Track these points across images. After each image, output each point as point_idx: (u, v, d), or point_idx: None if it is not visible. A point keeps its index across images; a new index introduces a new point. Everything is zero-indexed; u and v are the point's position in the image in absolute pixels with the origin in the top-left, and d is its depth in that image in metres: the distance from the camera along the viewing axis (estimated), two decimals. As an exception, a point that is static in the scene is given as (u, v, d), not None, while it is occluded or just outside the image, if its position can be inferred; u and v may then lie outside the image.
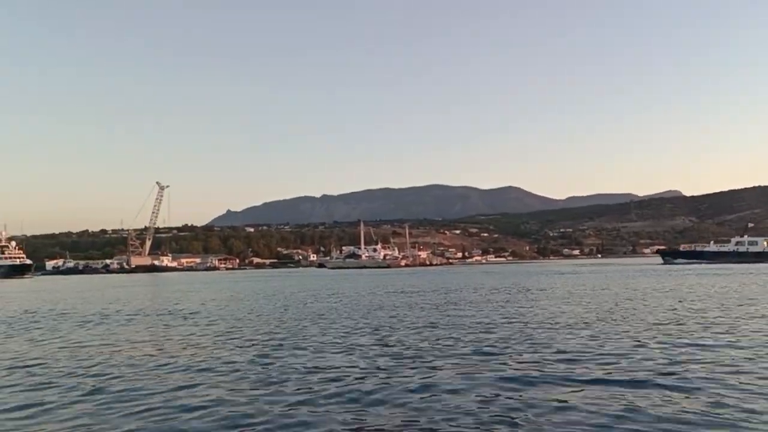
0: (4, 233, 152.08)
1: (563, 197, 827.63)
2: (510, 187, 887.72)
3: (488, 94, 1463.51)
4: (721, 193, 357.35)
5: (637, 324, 16.09)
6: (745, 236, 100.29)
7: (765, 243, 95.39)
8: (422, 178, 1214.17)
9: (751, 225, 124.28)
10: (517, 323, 17.01)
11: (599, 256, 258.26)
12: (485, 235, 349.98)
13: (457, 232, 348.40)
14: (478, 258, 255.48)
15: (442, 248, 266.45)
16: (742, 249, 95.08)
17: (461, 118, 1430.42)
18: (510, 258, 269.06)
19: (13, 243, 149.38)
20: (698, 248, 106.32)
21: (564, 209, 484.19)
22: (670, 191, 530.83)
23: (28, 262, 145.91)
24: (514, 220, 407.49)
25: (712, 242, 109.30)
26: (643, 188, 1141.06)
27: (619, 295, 28.20)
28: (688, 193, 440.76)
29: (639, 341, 12.94)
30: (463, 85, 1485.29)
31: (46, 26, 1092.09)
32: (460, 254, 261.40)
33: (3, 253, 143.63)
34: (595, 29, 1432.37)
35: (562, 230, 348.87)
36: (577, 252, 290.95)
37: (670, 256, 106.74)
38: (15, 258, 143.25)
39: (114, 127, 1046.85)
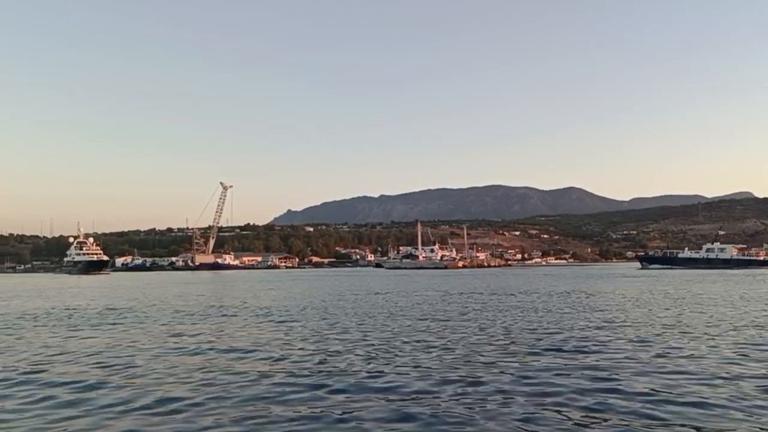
0: (82, 230, 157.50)
1: (627, 198, 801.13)
2: (571, 187, 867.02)
3: (549, 92, 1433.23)
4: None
5: None
6: (716, 243, 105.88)
7: (734, 251, 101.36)
8: (481, 179, 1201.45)
9: (722, 232, 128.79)
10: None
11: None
12: (545, 236, 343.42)
13: (517, 233, 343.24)
14: (538, 260, 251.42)
15: (501, 249, 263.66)
16: (711, 256, 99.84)
17: (522, 118, 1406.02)
18: (571, 260, 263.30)
19: (91, 240, 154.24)
20: (671, 254, 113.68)
21: (628, 210, 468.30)
22: (740, 192, 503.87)
23: (105, 258, 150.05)
24: (576, 222, 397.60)
25: (686, 249, 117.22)
26: (712, 189, 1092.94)
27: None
28: (760, 194, 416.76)
29: None
30: (524, 84, 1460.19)
31: (117, 32, 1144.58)
32: (519, 256, 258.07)
33: (81, 249, 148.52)
34: (656, 26, 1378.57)
35: (625, 232, 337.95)
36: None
37: (646, 261, 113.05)
38: (92, 254, 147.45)
39: (181, 129, 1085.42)
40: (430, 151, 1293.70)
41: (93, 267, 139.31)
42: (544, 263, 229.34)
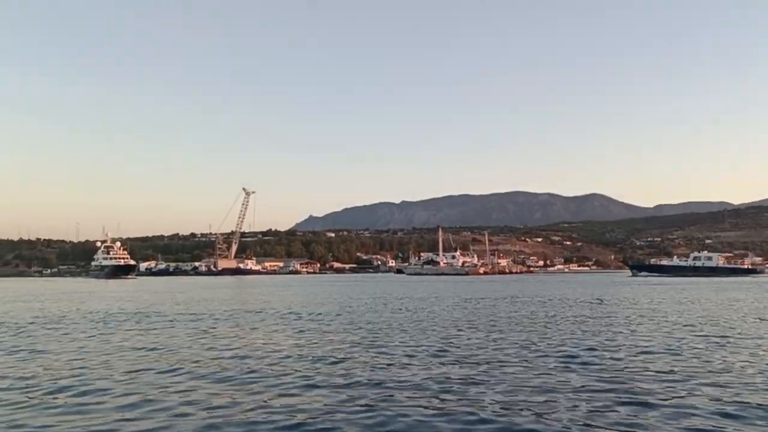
0: (109, 234, 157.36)
1: (651, 205, 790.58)
2: (594, 194, 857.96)
3: (571, 97, 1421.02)
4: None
5: None
6: (703, 252, 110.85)
7: (719, 259, 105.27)
8: (504, 185, 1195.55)
9: (709, 241, 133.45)
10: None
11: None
12: (568, 243, 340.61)
13: (539, 239, 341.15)
14: (560, 267, 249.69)
15: (523, 256, 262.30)
16: (698, 264, 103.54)
17: (543, 124, 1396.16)
18: (594, 267, 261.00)
19: (118, 244, 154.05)
20: (660, 262, 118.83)
21: (652, 217, 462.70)
22: None
23: (132, 262, 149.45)
24: (599, 228, 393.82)
25: (675, 257, 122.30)
26: (739, 196, 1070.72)
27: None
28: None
29: None
30: (544, 89, 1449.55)
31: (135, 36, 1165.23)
32: (541, 262, 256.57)
33: (108, 253, 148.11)
34: (687, 28, 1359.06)
35: (649, 239, 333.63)
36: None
37: (636, 268, 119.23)
38: (120, 258, 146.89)
39: (205, 135, 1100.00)
40: (452, 158, 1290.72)
41: (120, 271, 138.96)
42: (566, 270, 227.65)
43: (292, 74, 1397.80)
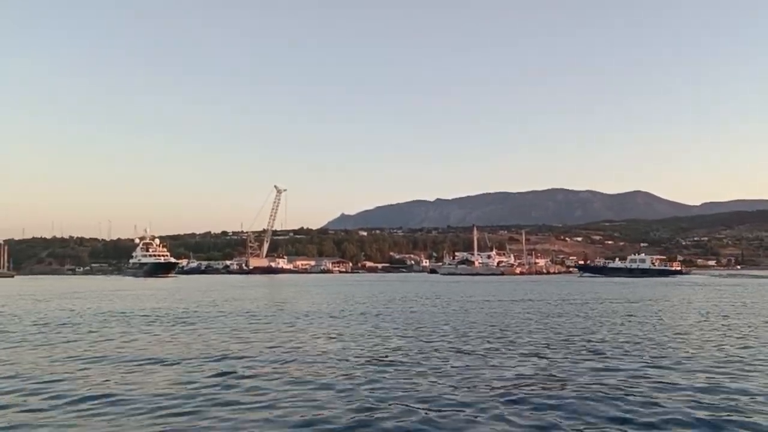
0: (148, 231, 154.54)
1: (698, 203, 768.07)
2: (637, 191, 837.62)
3: (613, 91, 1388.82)
4: None
5: None
6: (639, 255, 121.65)
7: (650, 262, 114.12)
8: (542, 182, 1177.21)
9: (644, 244, 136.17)
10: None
11: (738, 267, 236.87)
12: (610, 242, 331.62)
13: (579, 239, 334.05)
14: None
15: (562, 256, 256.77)
16: (634, 266, 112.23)
17: (583, 120, 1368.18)
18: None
19: (157, 241, 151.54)
20: (601, 264, 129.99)
21: (698, 216, 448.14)
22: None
23: (173, 260, 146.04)
24: (642, 227, 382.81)
25: (617, 259, 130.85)
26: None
27: None
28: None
29: None
30: (584, 85, 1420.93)
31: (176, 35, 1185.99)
32: (581, 263, 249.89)
33: (147, 250, 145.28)
34: (732, 25, 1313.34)
35: (696, 239, 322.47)
36: (713, 263, 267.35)
37: (582, 270, 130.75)
38: (160, 256, 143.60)
39: (237, 133, 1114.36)
40: (489, 154, 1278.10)
41: (161, 269, 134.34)
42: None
43: (322, 72, 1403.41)
